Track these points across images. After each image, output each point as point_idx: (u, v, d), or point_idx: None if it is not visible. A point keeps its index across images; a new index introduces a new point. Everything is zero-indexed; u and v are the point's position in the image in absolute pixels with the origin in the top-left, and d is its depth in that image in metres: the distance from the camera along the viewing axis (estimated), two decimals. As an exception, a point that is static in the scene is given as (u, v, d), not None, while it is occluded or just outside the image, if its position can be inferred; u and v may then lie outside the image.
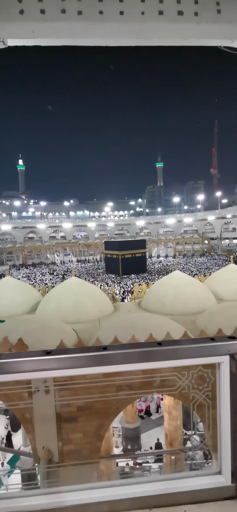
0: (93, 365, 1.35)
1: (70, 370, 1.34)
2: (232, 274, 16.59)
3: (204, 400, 1.66)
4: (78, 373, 1.36)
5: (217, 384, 1.50)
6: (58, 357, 1.34)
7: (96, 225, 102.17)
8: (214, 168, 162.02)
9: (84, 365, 1.35)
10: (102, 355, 1.36)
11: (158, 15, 8.18)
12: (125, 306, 16.94)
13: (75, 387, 1.82)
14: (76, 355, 1.34)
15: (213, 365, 1.52)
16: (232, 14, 8.51)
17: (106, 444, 12.42)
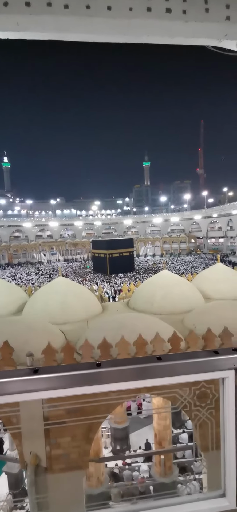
0: (86, 384, 1.22)
1: (60, 391, 1.20)
2: (219, 274, 16.74)
3: (207, 418, 1.55)
4: (69, 394, 1.21)
5: (220, 401, 1.40)
6: (47, 377, 1.20)
7: (83, 224, 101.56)
8: (200, 168, 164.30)
9: (76, 384, 1.21)
10: (96, 373, 1.22)
11: (146, 11, 8.08)
12: (113, 306, 16.81)
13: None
14: (67, 373, 1.20)
15: (216, 381, 1.42)
16: (220, 13, 8.50)
17: (95, 446, 12.27)
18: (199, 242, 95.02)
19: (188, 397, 1.46)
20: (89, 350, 7.90)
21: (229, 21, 8.67)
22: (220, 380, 1.38)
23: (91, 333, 10.02)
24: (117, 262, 58.37)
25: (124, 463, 14.03)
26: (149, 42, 9.61)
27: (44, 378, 1.18)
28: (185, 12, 8.46)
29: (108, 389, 1.27)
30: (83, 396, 1.36)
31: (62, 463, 7.62)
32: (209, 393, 1.45)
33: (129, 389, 1.27)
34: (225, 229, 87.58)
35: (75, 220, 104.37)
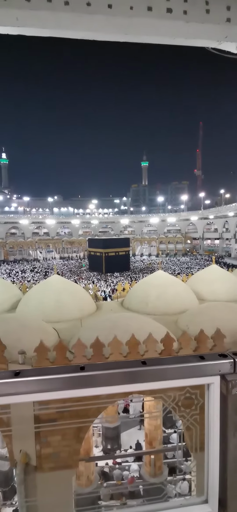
0: (69, 388, 1.19)
1: (41, 394, 1.17)
2: (213, 275, 16.78)
3: (192, 424, 1.53)
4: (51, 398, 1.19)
5: (205, 407, 1.38)
6: (27, 380, 1.17)
7: (80, 222, 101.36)
8: (198, 169, 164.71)
9: (58, 388, 1.18)
10: (79, 376, 1.20)
11: (147, 11, 8.04)
12: (107, 305, 16.79)
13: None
14: (49, 377, 1.18)
15: (201, 386, 1.40)
16: (220, 15, 8.50)
17: (86, 445, 12.25)
18: (195, 243, 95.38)
19: (172, 402, 1.45)
20: (81, 349, 7.87)
21: (229, 23, 8.67)
22: (205, 386, 1.37)
23: (84, 332, 9.99)
24: (113, 261, 58.33)
25: (115, 462, 14.03)
26: (149, 42, 9.58)
27: (24, 381, 1.15)
28: (186, 12, 8.45)
29: (91, 393, 1.25)
30: (73, 399, 1.34)
31: (52, 462, 7.60)
32: (194, 399, 1.44)
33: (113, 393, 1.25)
34: (221, 230, 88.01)
35: (72, 218, 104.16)
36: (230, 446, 1.34)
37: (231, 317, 10.58)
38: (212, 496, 1.36)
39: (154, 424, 12.97)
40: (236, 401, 1.33)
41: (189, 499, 1.42)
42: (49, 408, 1.82)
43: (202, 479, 1.42)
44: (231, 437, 1.34)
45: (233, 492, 1.35)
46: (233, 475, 1.34)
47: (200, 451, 1.45)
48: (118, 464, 13.97)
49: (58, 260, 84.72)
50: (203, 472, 1.41)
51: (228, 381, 1.32)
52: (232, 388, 1.32)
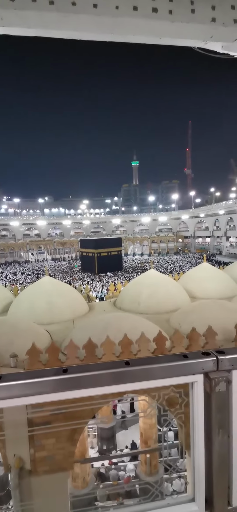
0: (52, 392, 1.18)
1: (23, 399, 1.15)
2: (205, 273, 16.91)
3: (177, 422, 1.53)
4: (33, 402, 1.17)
5: (190, 406, 1.38)
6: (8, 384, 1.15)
7: (71, 223, 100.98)
8: (188, 168, 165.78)
9: (40, 392, 1.17)
10: (62, 379, 1.19)
11: (133, 10, 8.04)
12: (100, 305, 16.76)
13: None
14: (30, 380, 1.16)
15: (186, 385, 1.40)
16: (206, 14, 8.55)
17: (81, 447, 12.20)
18: (186, 241, 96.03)
19: (157, 402, 1.45)
20: (74, 350, 7.83)
21: (214, 22, 8.73)
22: (189, 385, 1.37)
23: (76, 333, 9.95)
24: (105, 261, 58.29)
25: (111, 463, 14.01)
26: (136, 42, 9.59)
27: (5, 386, 1.13)
28: (172, 12, 8.47)
29: (75, 395, 1.24)
30: (67, 400, 1.32)
31: (47, 465, 7.55)
32: (178, 397, 1.44)
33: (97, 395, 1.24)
34: (212, 229, 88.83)
35: (63, 219, 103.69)
36: (215, 444, 1.34)
37: (222, 315, 10.67)
38: (198, 494, 1.37)
39: (149, 423, 13.00)
40: (219, 399, 1.34)
41: (177, 498, 1.42)
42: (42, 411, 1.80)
43: (189, 477, 1.42)
44: (216, 435, 1.35)
45: (219, 490, 1.35)
46: (219, 472, 1.35)
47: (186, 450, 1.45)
48: (114, 464, 13.96)
49: (50, 261, 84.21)
50: (189, 471, 1.41)
51: (211, 379, 1.33)
52: (215, 385, 1.32)
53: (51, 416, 2.02)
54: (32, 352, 7.80)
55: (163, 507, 1.38)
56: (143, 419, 13.09)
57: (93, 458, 13.51)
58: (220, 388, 1.34)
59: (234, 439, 1.40)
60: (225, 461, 1.42)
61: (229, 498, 1.51)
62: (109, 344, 7.98)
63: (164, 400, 1.46)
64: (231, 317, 10.00)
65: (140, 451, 13.63)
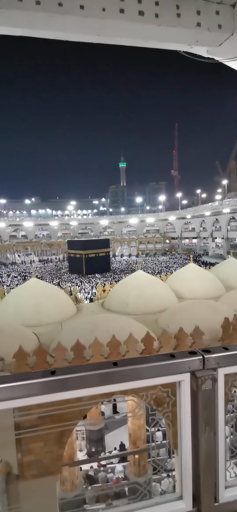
0: (39, 394, 1.17)
1: (9, 402, 1.14)
2: (192, 273, 17.12)
3: (165, 421, 1.55)
4: (20, 405, 1.16)
5: (177, 404, 1.40)
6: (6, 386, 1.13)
7: (59, 224, 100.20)
8: (175, 170, 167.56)
9: (28, 394, 1.16)
10: (50, 381, 1.18)
11: (119, 13, 8.08)
12: (88, 307, 16.70)
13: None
14: (17, 383, 1.15)
15: (173, 384, 1.42)
16: (191, 19, 8.69)
17: (69, 450, 12.11)
18: (173, 242, 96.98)
19: (145, 402, 1.47)
20: (62, 352, 7.78)
21: (199, 27, 8.88)
22: (176, 384, 1.39)
23: (64, 335, 9.88)
24: (93, 263, 58.16)
25: (99, 465, 13.97)
26: (123, 44, 9.63)
27: (3, 387, 1.12)
28: (158, 16, 8.57)
29: (63, 397, 1.24)
30: (56, 402, 1.32)
31: (35, 469, 7.45)
32: (166, 397, 1.46)
33: (86, 396, 1.24)
34: (198, 230, 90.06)
35: (51, 220, 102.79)
36: (202, 441, 1.37)
37: (209, 315, 10.83)
38: (186, 492, 1.39)
39: (138, 424, 13.03)
40: (205, 397, 1.36)
41: (164, 497, 1.44)
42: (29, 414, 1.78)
43: (177, 476, 1.44)
44: (202, 433, 1.37)
45: (206, 487, 1.38)
46: (205, 470, 1.38)
47: (174, 449, 1.47)
48: (102, 466, 13.92)
49: (37, 263, 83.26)
50: (177, 469, 1.43)
51: (197, 377, 1.36)
52: (201, 384, 1.35)
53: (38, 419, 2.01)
54: (19, 355, 7.70)
55: (151, 506, 1.39)
56: (132, 420, 13.10)
57: (81, 461, 13.44)
58: (206, 386, 1.37)
59: (220, 436, 1.43)
60: (211, 458, 1.45)
61: (216, 494, 1.54)
62: (97, 345, 7.96)
63: (152, 399, 1.47)
64: (217, 317, 10.16)
65: (128, 452, 13.65)
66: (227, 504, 1.55)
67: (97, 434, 15.31)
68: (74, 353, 7.77)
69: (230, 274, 18.15)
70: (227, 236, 75.76)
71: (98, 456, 14.41)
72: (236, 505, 1.57)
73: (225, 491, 1.55)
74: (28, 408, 1.26)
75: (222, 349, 1.47)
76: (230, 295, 14.24)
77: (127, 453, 13.69)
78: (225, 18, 9.02)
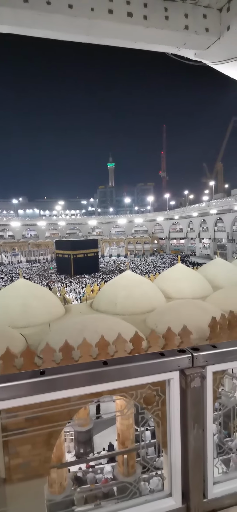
0: (29, 394, 1.16)
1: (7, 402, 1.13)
2: (179, 274, 17.28)
3: (154, 419, 1.56)
4: (8, 406, 1.15)
5: (167, 402, 1.42)
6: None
7: (46, 224, 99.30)
8: (163, 171, 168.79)
9: (16, 395, 1.14)
10: (40, 381, 1.17)
11: (108, 13, 8.09)
12: (76, 307, 16.62)
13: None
14: (5, 384, 1.13)
15: (162, 382, 1.44)
16: (179, 22, 8.78)
17: (58, 451, 12.01)
18: (161, 243, 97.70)
19: (135, 400, 1.48)
20: (50, 353, 7.70)
21: (187, 30, 8.98)
22: (166, 382, 1.41)
23: (53, 336, 9.80)
24: (82, 263, 57.93)
25: (88, 466, 13.91)
26: (111, 45, 9.64)
27: None
28: (146, 17, 8.62)
29: (53, 397, 1.23)
30: (44, 403, 1.31)
31: (22, 472, 7.36)
32: (155, 395, 1.48)
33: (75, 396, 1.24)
34: (186, 230, 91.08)
35: (38, 220, 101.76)
36: (190, 438, 1.39)
37: (196, 314, 10.95)
38: (175, 489, 1.40)
39: (126, 424, 13.04)
40: (194, 394, 1.38)
41: (154, 494, 1.45)
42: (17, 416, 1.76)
43: (166, 473, 1.45)
44: (191, 430, 1.39)
45: (194, 483, 1.40)
46: (194, 466, 1.40)
47: (163, 445, 1.49)
48: (91, 467, 13.87)
49: (25, 263, 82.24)
50: (166, 466, 1.44)
51: (187, 375, 1.37)
52: (190, 381, 1.37)
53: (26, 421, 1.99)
54: (6, 357, 7.57)
55: (141, 504, 1.40)
56: (121, 420, 13.11)
57: (70, 463, 13.34)
58: (195, 384, 1.39)
59: (208, 432, 1.46)
60: (200, 454, 1.47)
61: (205, 490, 1.57)
62: (86, 346, 7.92)
63: (142, 398, 1.48)
64: (205, 316, 10.29)
65: (117, 452, 13.65)
66: (215, 500, 1.57)
67: (86, 435, 15.24)
68: (63, 354, 7.70)
69: (217, 274, 18.43)
70: (214, 236, 76.89)
71: (87, 457, 14.35)
72: (224, 501, 1.60)
73: (213, 487, 1.58)
74: (16, 410, 1.24)
75: (211, 347, 1.49)
76: (217, 295, 14.45)
77: (116, 453, 13.70)
78: (212, 21, 9.16)
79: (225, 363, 1.52)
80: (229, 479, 1.67)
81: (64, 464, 12.39)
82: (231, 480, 1.66)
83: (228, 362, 1.53)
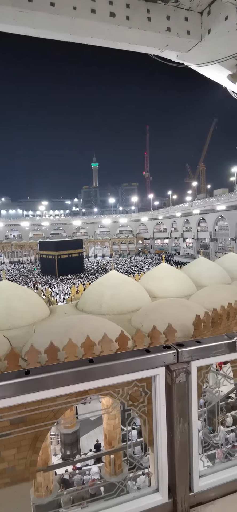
0: (13, 395, 1.14)
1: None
2: (164, 272, 17.47)
3: (140, 416, 1.58)
4: None
5: (152, 398, 1.43)
6: None
7: (30, 225, 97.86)
8: (147, 171, 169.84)
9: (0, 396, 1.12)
10: (25, 381, 1.16)
11: (90, 13, 8.05)
12: (61, 308, 16.47)
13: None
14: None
15: (148, 379, 1.45)
16: (161, 24, 8.85)
17: (44, 454, 11.88)
18: (146, 242, 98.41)
19: (121, 397, 1.48)
20: (35, 355, 7.61)
21: (169, 32, 9.07)
22: (152, 378, 1.42)
23: (37, 337, 9.68)
24: (66, 263, 57.53)
25: (75, 468, 13.82)
26: (94, 44, 9.61)
27: None
28: (129, 18, 8.64)
29: (39, 397, 1.21)
30: (28, 404, 1.29)
31: (8, 477, 7.23)
32: (141, 391, 1.49)
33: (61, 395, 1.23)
34: (170, 230, 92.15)
35: (22, 221, 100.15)
36: (176, 433, 1.41)
37: (181, 313, 11.11)
38: (162, 484, 1.42)
39: (113, 424, 13.06)
40: (180, 389, 1.40)
41: (141, 491, 1.46)
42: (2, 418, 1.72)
43: (153, 468, 1.47)
44: (177, 424, 1.41)
45: (181, 477, 1.42)
46: (180, 460, 1.42)
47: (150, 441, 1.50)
48: (78, 469, 13.78)
49: (8, 264, 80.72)
50: (153, 462, 1.46)
51: (172, 370, 1.39)
52: (176, 377, 1.39)
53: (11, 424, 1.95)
54: (-10, 360, 7.43)
55: (128, 501, 1.41)
56: (107, 420, 13.11)
57: (56, 465, 13.21)
58: (180, 379, 1.42)
59: (193, 426, 1.48)
60: (186, 448, 1.49)
61: (191, 484, 1.59)
62: (71, 346, 7.88)
63: (128, 395, 1.49)
64: (189, 315, 10.47)
65: (104, 453, 13.64)
66: (201, 493, 1.60)
67: (72, 437, 15.14)
68: (48, 355, 7.63)
69: (201, 273, 18.75)
70: (197, 236, 78.15)
71: (73, 459, 14.25)
72: (210, 494, 1.63)
73: (199, 480, 1.61)
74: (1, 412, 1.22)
75: (195, 343, 1.52)
76: (201, 293, 14.71)
77: (103, 453, 13.68)
78: (193, 24, 9.29)
79: (209, 357, 1.56)
80: (214, 471, 1.70)
81: (51, 467, 12.27)
82: (216, 472, 1.70)
83: (212, 357, 1.57)
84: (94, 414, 16.68)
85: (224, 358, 1.60)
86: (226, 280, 18.32)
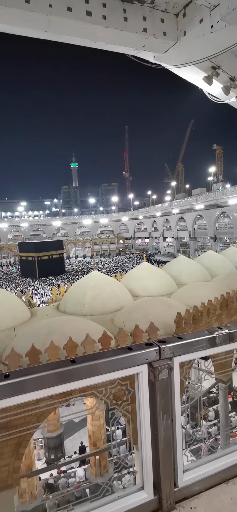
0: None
1: None
2: (145, 272, 17.61)
3: (124, 415, 1.57)
4: None
5: (136, 396, 1.43)
6: None
7: (8, 226, 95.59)
8: (126, 171, 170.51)
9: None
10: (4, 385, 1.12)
11: (67, 11, 7.97)
12: (42, 310, 16.20)
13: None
14: None
15: (131, 377, 1.45)
16: (137, 24, 8.90)
17: (27, 460, 11.65)
18: (127, 242, 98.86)
19: (104, 397, 1.47)
20: (16, 359, 7.43)
21: (146, 33, 9.14)
22: (135, 376, 1.42)
23: (18, 341, 9.48)
24: (47, 265, 56.78)
25: (59, 472, 13.65)
26: (71, 43, 9.52)
27: None
28: (105, 18, 8.63)
29: (19, 401, 1.18)
30: (9, 408, 1.25)
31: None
32: (125, 390, 1.48)
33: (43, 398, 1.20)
34: (150, 230, 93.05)
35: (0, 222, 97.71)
36: (160, 429, 1.42)
37: (162, 311, 11.23)
38: (147, 482, 1.42)
39: (97, 425, 13.02)
40: (162, 386, 1.41)
41: (126, 490, 1.46)
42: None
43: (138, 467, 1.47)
44: (160, 421, 1.42)
45: (165, 474, 1.43)
46: (165, 457, 1.42)
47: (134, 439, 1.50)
48: (63, 472, 13.63)
49: (-14, 269, 78.51)
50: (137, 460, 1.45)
51: (154, 367, 1.40)
52: (158, 374, 1.39)
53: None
54: None
55: (113, 500, 1.40)
56: (91, 421, 13.04)
57: (40, 470, 12.99)
58: (163, 376, 1.42)
59: (177, 422, 1.50)
60: (170, 444, 1.50)
61: (175, 479, 1.61)
62: (53, 348, 7.76)
63: (111, 394, 1.48)
64: (171, 313, 10.60)
65: (88, 454, 13.56)
66: (186, 488, 1.62)
67: (56, 440, 14.95)
68: (30, 358, 7.48)
69: (181, 271, 19.06)
70: (177, 235, 79.39)
71: (58, 463, 14.07)
72: (194, 488, 1.66)
73: (183, 475, 1.62)
74: None
75: (177, 339, 1.53)
76: (182, 291, 14.94)
77: (88, 455, 13.59)
78: (169, 26, 9.42)
79: (191, 353, 1.58)
80: (198, 465, 1.73)
81: (35, 472, 12.06)
82: (200, 466, 1.72)
83: (194, 352, 1.59)
84: (78, 415, 16.54)
85: (206, 352, 1.63)
86: (206, 278, 18.74)
